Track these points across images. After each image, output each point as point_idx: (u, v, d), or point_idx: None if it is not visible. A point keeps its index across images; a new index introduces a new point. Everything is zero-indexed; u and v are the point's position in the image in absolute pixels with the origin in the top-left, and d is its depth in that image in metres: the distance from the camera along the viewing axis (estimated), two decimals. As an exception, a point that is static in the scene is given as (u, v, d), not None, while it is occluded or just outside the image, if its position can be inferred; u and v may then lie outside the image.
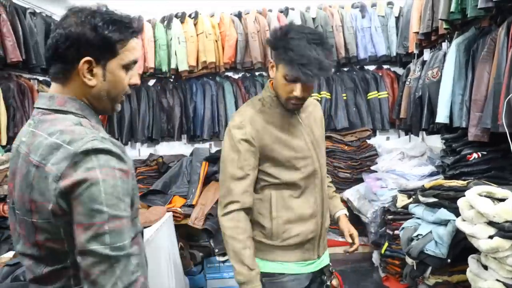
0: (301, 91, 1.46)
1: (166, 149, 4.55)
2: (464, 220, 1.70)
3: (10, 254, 2.12)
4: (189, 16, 4.30)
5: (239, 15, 4.30)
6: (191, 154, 4.04)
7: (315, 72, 1.37)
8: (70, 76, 1.06)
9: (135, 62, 1.13)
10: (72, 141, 0.96)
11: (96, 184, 0.93)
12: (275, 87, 1.54)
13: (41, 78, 3.98)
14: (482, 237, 1.57)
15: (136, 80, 1.16)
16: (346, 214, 1.81)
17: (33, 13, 3.72)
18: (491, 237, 1.54)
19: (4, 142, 3.19)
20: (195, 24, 4.25)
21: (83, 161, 0.94)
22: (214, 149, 4.38)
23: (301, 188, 1.58)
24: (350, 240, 1.73)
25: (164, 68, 4.26)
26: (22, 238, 1.06)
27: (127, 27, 1.08)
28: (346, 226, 1.77)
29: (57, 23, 1.07)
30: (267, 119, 1.55)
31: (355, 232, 1.74)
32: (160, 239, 2.64)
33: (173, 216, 3.20)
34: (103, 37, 1.03)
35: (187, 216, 3.36)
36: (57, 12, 4.23)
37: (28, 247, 1.05)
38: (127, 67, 1.10)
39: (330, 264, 1.75)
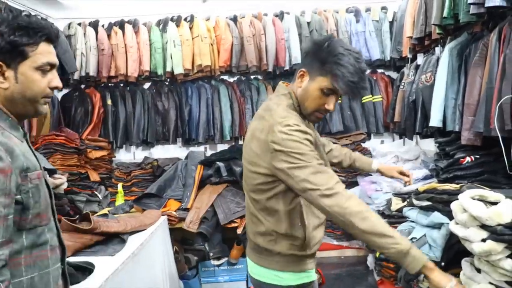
0: (333, 104, 1.50)
1: (161, 152, 4.55)
2: (457, 224, 1.71)
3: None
4: (185, 19, 4.31)
5: (234, 19, 4.31)
6: (186, 158, 4.04)
7: (364, 88, 1.44)
8: None
9: (50, 64, 1.19)
10: None
11: None
12: (301, 97, 1.53)
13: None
14: (475, 240, 1.57)
15: (57, 83, 1.21)
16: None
17: (28, 16, 3.70)
18: (484, 240, 1.55)
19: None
20: (190, 28, 4.25)
21: None
22: (209, 153, 4.39)
23: None
24: (405, 178, 1.99)
25: (160, 71, 4.26)
26: None
27: (36, 32, 1.15)
28: (391, 169, 2.01)
29: None
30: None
31: (401, 168, 1.96)
32: (155, 242, 2.64)
33: (168, 219, 3.20)
34: (9, 41, 1.11)
35: (182, 219, 3.36)
36: (52, 15, 4.23)
37: None
38: (41, 70, 1.17)
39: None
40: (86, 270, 1.79)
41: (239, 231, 3.24)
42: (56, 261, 1.24)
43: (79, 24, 4.23)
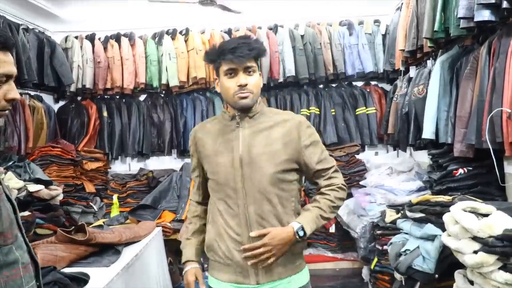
0: (243, 78, 1.51)
1: (156, 163, 4.55)
2: (449, 235, 1.73)
3: None
4: (180, 32, 4.35)
5: (229, 32, 4.36)
6: (181, 169, 4.05)
7: (246, 52, 1.48)
8: None
9: (6, 75, 1.08)
10: None
11: None
12: (223, 96, 1.60)
13: (32, 93, 3.98)
14: (467, 252, 1.59)
15: (14, 94, 1.10)
16: (293, 227, 1.52)
17: (26, 29, 3.74)
18: (475, 252, 1.56)
19: (-7, 157, 3.18)
20: (185, 41, 4.30)
21: None
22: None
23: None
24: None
25: (155, 83, 4.30)
26: None
27: None
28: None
29: None
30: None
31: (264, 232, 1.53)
32: (149, 254, 2.63)
33: (163, 231, 3.19)
34: None
35: (177, 231, 3.35)
36: (50, 28, 4.27)
37: None
38: None
39: None
40: (81, 280, 1.78)
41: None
42: (30, 278, 1.14)
43: (76, 37, 4.27)
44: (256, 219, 1.54)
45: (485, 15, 2.09)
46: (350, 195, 3.90)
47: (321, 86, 4.49)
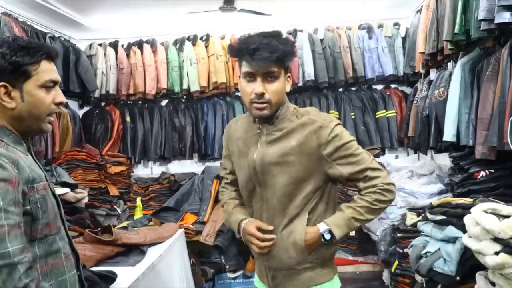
0: (261, 85, 1.38)
1: (177, 167, 4.62)
2: (470, 237, 1.73)
3: None
4: (201, 38, 4.43)
5: (249, 37, 4.40)
6: (203, 172, 4.11)
7: (265, 55, 1.33)
8: None
9: (53, 82, 1.22)
10: None
11: None
12: (241, 97, 1.50)
13: (58, 100, 4.10)
14: (488, 253, 1.59)
15: (61, 98, 1.25)
16: (318, 228, 1.44)
17: (52, 37, 3.87)
18: (497, 253, 1.56)
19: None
20: (206, 46, 4.37)
21: None
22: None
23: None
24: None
25: (177, 88, 4.37)
26: None
27: (36, 51, 1.18)
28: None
29: None
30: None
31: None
32: (173, 255, 2.69)
33: (185, 232, 3.26)
34: (11, 62, 1.14)
35: (199, 232, 3.41)
36: (75, 36, 4.40)
37: None
38: (45, 87, 1.20)
39: None
40: (109, 278, 1.85)
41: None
42: (71, 267, 1.27)
43: (100, 45, 4.39)
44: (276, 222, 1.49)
45: (506, 17, 2.08)
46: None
47: (340, 89, 4.50)
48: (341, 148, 1.44)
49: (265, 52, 1.33)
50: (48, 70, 1.21)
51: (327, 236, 1.42)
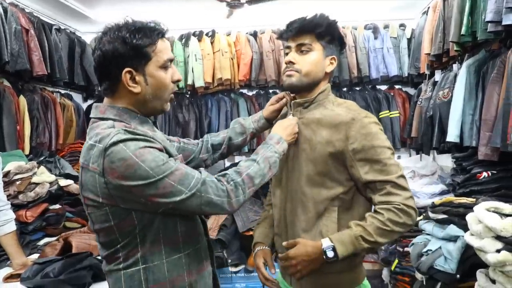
0: (292, 55, 1.42)
1: (180, 162, 4.63)
2: (472, 235, 1.75)
3: (35, 255, 2.21)
4: (206, 34, 4.44)
5: (254, 35, 4.43)
6: (206, 167, 4.12)
7: (295, 26, 1.42)
8: (117, 89, 1.16)
9: (170, 60, 1.20)
10: (101, 140, 1.06)
11: (139, 168, 1.02)
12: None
13: (63, 92, 4.13)
14: (489, 250, 1.61)
15: (178, 76, 1.24)
16: (321, 244, 1.30)
17: (58, 29, 3.89)
18: (498, 251, 1.58)
19: (27, 152, 3.31)
20: (211, 42, 4.38)
21: (114, 152, 1.03)
22: (228, 163, 4.47)
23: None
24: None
25: (181, 84, 4.39)
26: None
27: (152, 31, 1.16)
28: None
29: (95, 45, 1.16)
30: None
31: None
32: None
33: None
34: (133, 46, 1.12)
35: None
36: (81, 29, 4.42)
37: (96, 236, 1.18)
38: (164, 67, 1.18)
39: None
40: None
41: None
42: (202, 235, 1.30)
43: (106, 38, 4.40)
44: (291, 219, 1.42)
45: (513, 18, 2.10)
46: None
47: (344, 89, 4.52)
48: (369, 149, 1.29)
49: (297, 24, 1.41)
50: (164, 49, 1.18)
51: (330, 254, 1.26)
